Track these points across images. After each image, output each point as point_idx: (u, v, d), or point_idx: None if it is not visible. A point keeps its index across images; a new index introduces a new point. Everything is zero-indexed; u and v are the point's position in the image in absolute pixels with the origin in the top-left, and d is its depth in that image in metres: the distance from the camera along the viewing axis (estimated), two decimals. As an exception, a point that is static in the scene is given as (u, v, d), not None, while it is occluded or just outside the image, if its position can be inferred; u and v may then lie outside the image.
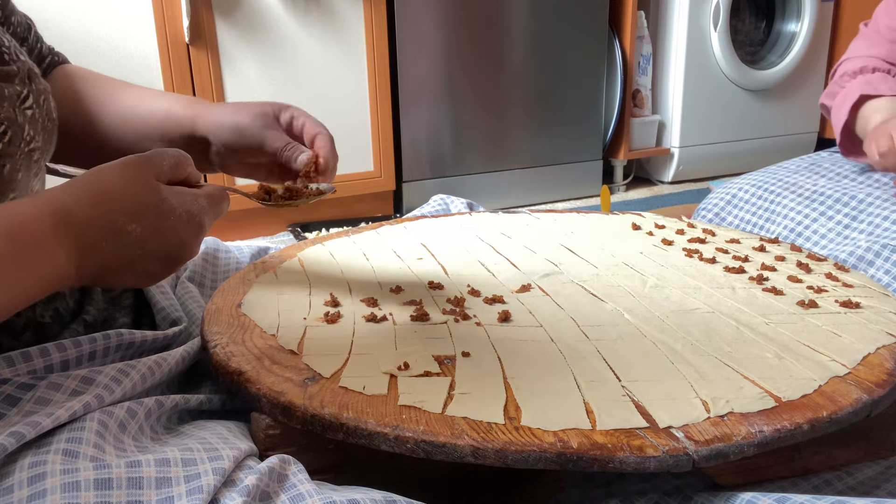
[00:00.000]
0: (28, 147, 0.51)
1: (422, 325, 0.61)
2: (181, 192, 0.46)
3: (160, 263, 0.46)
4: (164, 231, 0.45)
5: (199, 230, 0.48)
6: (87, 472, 0.35)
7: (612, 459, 0.42)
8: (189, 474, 0.38)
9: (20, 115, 0.50)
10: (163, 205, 0.45)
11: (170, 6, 1.76)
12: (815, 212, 1.00)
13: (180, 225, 0.46)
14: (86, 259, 0.42)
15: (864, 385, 0.51)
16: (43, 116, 0.53)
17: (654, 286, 0.72)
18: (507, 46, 2.29)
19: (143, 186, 0.45)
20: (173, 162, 0.47)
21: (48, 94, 0.55)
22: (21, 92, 0.51)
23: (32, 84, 0.53)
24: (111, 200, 0.43)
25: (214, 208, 0.49)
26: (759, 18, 2.82)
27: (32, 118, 0.52)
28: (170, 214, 0.45)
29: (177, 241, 0.46)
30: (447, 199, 1.14)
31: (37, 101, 0.53)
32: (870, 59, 1.05)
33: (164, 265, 0.47)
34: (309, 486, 0.40)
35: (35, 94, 0.53)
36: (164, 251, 0.46)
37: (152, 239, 0.44)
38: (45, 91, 0.55)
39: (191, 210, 0.46)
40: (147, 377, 0.49)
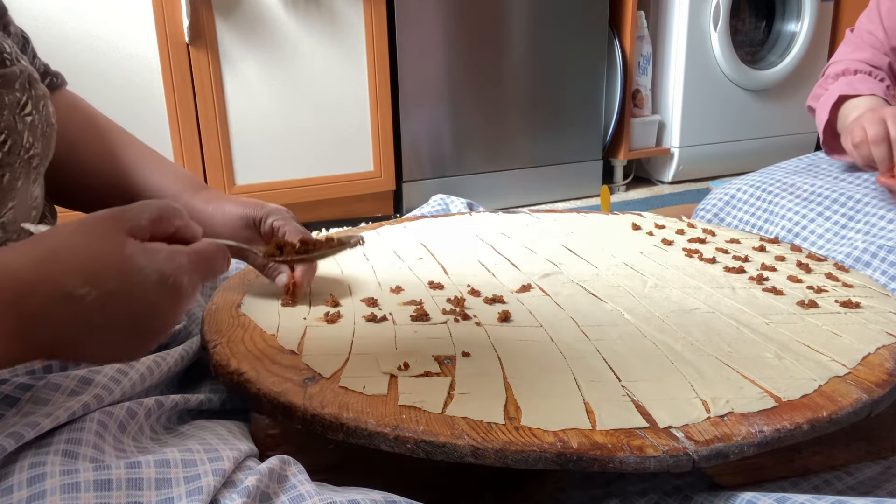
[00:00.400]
0: (27, 154, 0.50)
1: (422, 325, 0.61)
2: (154, 249, 0.39)
3: (130, 334, 0.39)
4: (128, 295, 0.37)
5: (175, 294, 0.39)
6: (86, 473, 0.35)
7: (612, 459, 0.42)
8: (189, 475, 0.38)
9: (20, 122, 0.49)
10: (125, 263, 0.37)
11: (170, 6, 1.76)
12: (813, 212, 1.01)
13: (149, 287, 0.38)
14: (30, 330, 0.35)
15: (864, 385, 0.51)
16: (42, 122, 0.53)
17: (654, 286, 0.72)
18: (507, 46, 2.29)
19: (104, 242, 0.38)
20: (156, 215, 0.40)
21: (47, 100, 0.55)
22: (21, 98, 0.50)
23: (32, 90, 0.52)
24: (60, 259, 0.36)
25: (202, 267, 0.42)
26: (759, 18, 2.82)
27: (32, 125, 0.51)
28: (134, 274, 0.37)
29: (145, 308, 0.38)
30: (447, 199, 1.14)
31: (36, 107, 0.52)
32: (853, 63, 1.06)
33: (136, 336, 0.39)
34: (309, 487, 0.40)
35: (34, 101, 0.52)
36: (129, 319, 0.38)
37: (113, 305, 0.37)
38: (45, 97, 0.54)
39: (163, 269, 0.39)
40: (146, 377, 0.49)
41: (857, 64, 1.05)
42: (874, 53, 1.05)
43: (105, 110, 0.70)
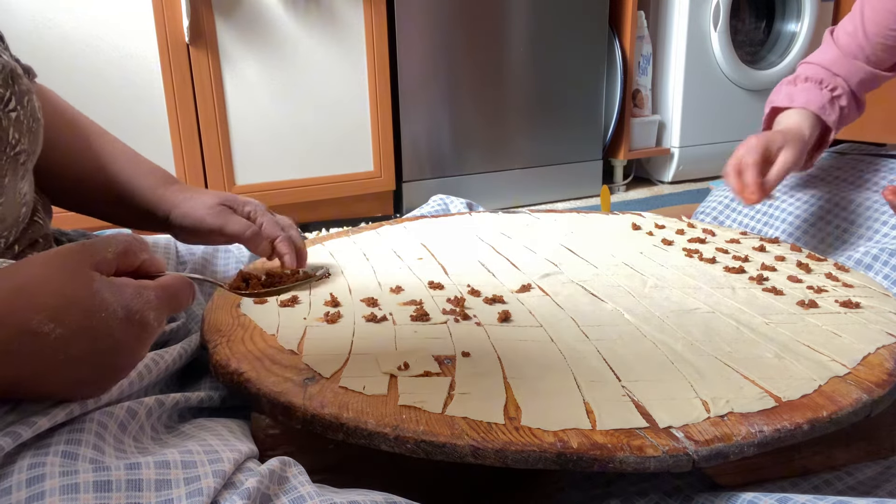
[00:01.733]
0: (14, 151, 0.50)
1: (422, 325, 0.61)
2: (120, 284, 0.39)
3: (93, 370, 0.39)
4: (93, 331, 0.37)
5: (141, 329, 0.39)
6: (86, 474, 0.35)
7: (612, 459, 0.42)
8: (189, 476, 0.38)
9: (4, 118, 0.49)
10: (92, 300, 0.37)
11: (170, 6, 1.76)
12: (813, 216, 1.01)
13: (114, 324, 0.38)
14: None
15: (864, 385, 0.51)
16: (28, 117, 0.52)
17: (654, 286, 0.72)
18: (507, 46, 2.29)
19: (70, 278, 0.37)
20: (121, 249, 0.40)
21: (32, 94, 0.54)
22: (4, 94, 0.49)
23: (16, 85, 0.51)
24: (27, 295, 0.36)
25: (167, 302, 0.41)
26: (759, 18, 2.82)
27: (17, 120, 0.50)
28: (100, 311, 0.37)
29: (111, 344, 0.38)
30: (447, 199, 1.14)
31: (20, 102, 0.51)
32: (810, 68, 1.05)
33: (99, 372, 0.39)
34: (310, 489, 0.40)
35: (18, 96, 0.51)
36: (95, 356, 0.38)
37: (77, 341, 0.37)
38: (29, 91, 0.53)
39: (130, 306, 0.38)
40: (144, 375, 0.49)
41: (812, 69, 1.04)
42: (838, 57, 1.04)
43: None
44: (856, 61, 1.03)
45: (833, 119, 1.00)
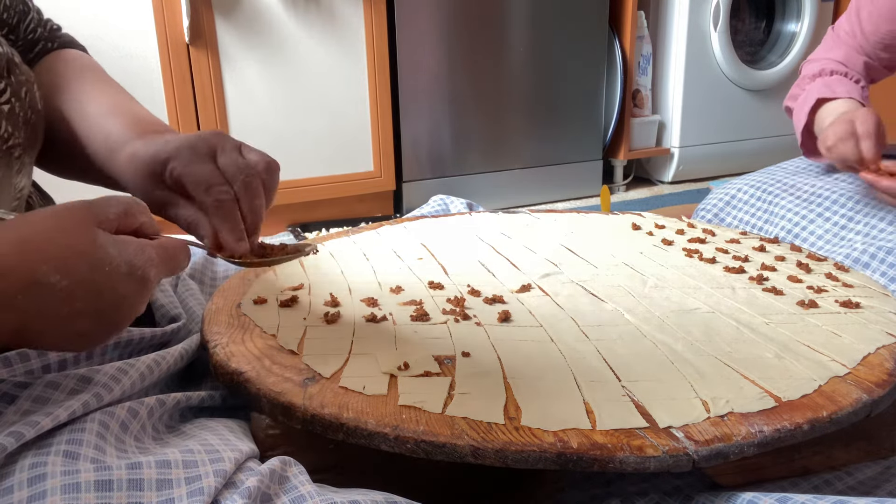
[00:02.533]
0: (6, 145, 0.48)
1: (422, 325, 0.61)
2: (124, 241, 0.40)
3: (94, 323, 0.39)
4: (97, 285, 0.38)
5: (142, 285, 0.40)
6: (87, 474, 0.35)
7: (612, 459, 0.42)
8: (190, 476, 0.38)
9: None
10: (97, 254, 0.38)
11: (170, 6, 1.76)
12: (813, 213, 1.01)
13: (118, 278, 0.38)
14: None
15: (864, 385, 0.51)
16: (25, 109, 0.50)
17: (654, 286, 0.72)
18: (507, 46, 2.29)
19: (77, 233, 0.38)
20: (122, 210, 0.41)
21: (31, 85, 0.52)
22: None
23: (11, 76, 0.49)
24: (35, 247, 0.36)
25: (167, 262, 0.42)
26: (759, 18, 2.82)
27: (11, 113, 0.48)
28: (105, 265, 0.38)
29: (114, 298, 0.39)
30: (447, 199, 1.14)
31: (16, 94, 0.49)
32: (828, 62, 1.07)
33: (100, 325, 0.40)
34: (310, 488, 0.40)
35: (14, 87, 0.49)
36: (97, 309, 0.38)
37: (83, 294, 0.37)
38: (28, 82, 0.51)
39: (133, 262, 0.39)
40: (146, 375, 0.49)
41: (832, 64, 1.06)
42: (848, 52, 1.05)
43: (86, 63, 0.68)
44: (860, 56, 1.04)
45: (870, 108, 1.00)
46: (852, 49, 1.05)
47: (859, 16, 1.04)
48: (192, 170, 0.50)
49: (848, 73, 1.04)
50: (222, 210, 0.50)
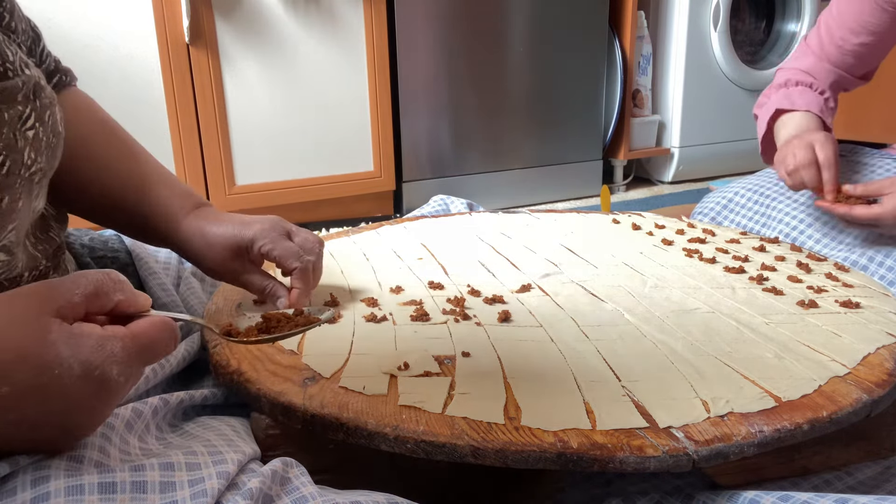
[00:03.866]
0: (29, 172, 0.47)
1: (422, 325, 0.61)
2: (81, 336, 0.34)
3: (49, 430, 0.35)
4: (43, 389, 0.33)
5: (100, 388, 0.35)
6: (90, 476, 0.35)
7: (612, 459, 0.42)
8: (193, 478, 0.38)
9: (21, 138, 0.46)
10: (45, 355, 0.33)
11: (170, 6, 1.76)
12: (811, 217, 1.01)
13: (69, 381, 0.34)
14: None
15: (864, 385, 0.51)
16: (47, 134, 0.49)
17: (654, 286, 0.72)
18: (507, 46, 2.29)
19: (25, 329, 0.33)
20: (91, 290, 0.36)
21: (54, 107, 0.51)
22: (23, 112, 0.46)
23: (36, 100, 0.48)
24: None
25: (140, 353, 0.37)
26: (759, 18, 2.82)
27: (35, 138, 0.47)
28: (53, 368, 0.33)
29: (64, 404, 0.34)
30: (447, 199, 1.14)
31: (40, 119, 0.48)
32: (794, 72, 1.09)
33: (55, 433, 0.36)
34: (311, 489, 0.40)
35: (39, 112, 0.48)
36: (47, 416, 0.34)
37: (28, 400, 0.33)
38: (51, 104, 0.50)
39: (88, 360, 0.34)
40: (150, 378, 0.49)
41: (799, 74, 1.07)
42: (815, 62, 1.07)
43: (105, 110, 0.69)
44: (830, 66, 1.05)
45: (830, 121, 1.02)
46: (821, 59, 1.07)
47: (828, 27, 1.06)
48: (281, 246, 0.61)
49: (813, 85, 1.05)
50: (304, 275, 0.61)
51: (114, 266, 0.68)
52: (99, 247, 0.69)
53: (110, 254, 0.69)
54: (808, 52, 1.09)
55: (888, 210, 0.82)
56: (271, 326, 0.48)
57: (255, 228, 0.61)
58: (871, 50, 1.03)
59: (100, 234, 0.73)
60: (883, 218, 0.83)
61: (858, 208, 0.85)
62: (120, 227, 0.67)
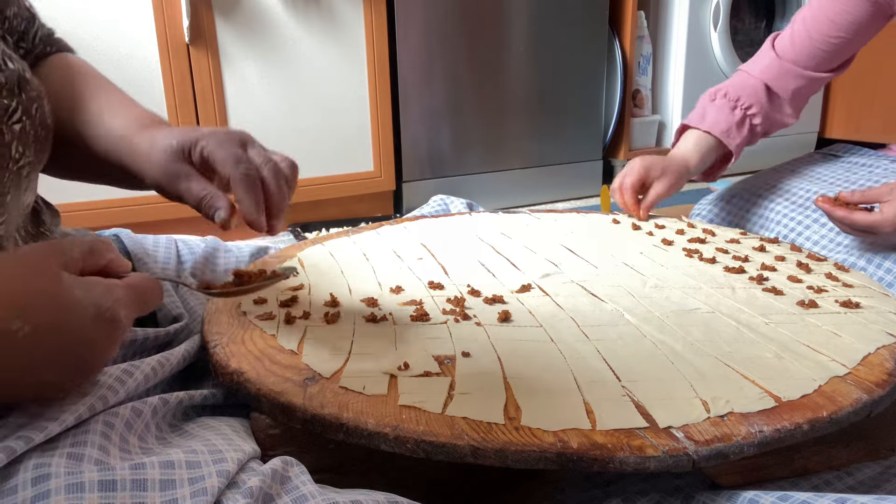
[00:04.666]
0: (17, 165, 0.47)
1: (422, 325, 0.61)
2: (90, 282, 0.38)
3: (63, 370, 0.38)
4: (63, 329, 0.36)
5: (111, 327, 0.38)
6: (91, 474, 0.35)
7: (612, 459, 0.42)
8: (193, 477, 0.38)
9: (7, 132, 0.46)
10: (62, 296, 0.36)
11: (170, 6, 1.76)
12: (808, 218, 1.01)
13: (86, 320, 0.36)
14: None
15: (864, 385, 0.51)
16: (35, 127, 0.49)
17: (654, 286, 0.72)
18: (507, 46, 2.29)
19: (40, 275, 0.36)
20: (86, 249, 0.39)
21: (42, 100, 0.51)
22: (9, 105, 0.46)
23: (23, 94, 0.48)
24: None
25: (137, 300, 0.40)
26: (759, 18, 2.82)
27: (22, 132, 0.47)
28: (72, 307, 0.36)
29: (80, 341, 0.37)
30: (447, 199, 1.14)
31: (27, 112, 0.48)
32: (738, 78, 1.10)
33: (70, 372, 0.38)
34: (312, 488, 0.40)
35: (25, 105, 0.48)
36: (65, 355, 0.37)
37: (47, 339, 0.35)
38: (39, 97, 0.50)
39: (100, 303, 0.37)
40: (150, 377, 0.49)
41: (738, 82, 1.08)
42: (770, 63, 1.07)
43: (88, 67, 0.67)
44: (793, 67, 1.05)
45: (736, 143, 1.07)
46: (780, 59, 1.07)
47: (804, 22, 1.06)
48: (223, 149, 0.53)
49: (739, 100, 1.06)
50: (246, 182, 0.52)
51: None
52: None
53: None
54: (768, 54, 1.09)
55: (887, 218, 0.81)
56: (243, 281, 0.51)
57: (203, 131, 0.55)
58: (847, 42, 1.02)
59: (99, 234, 0.73)
60: (880, 226, 0.82)
61: (858, 214, 0.84)
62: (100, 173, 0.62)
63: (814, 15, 1.03)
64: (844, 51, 1.04)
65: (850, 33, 1.00)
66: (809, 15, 1.04)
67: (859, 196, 0.86)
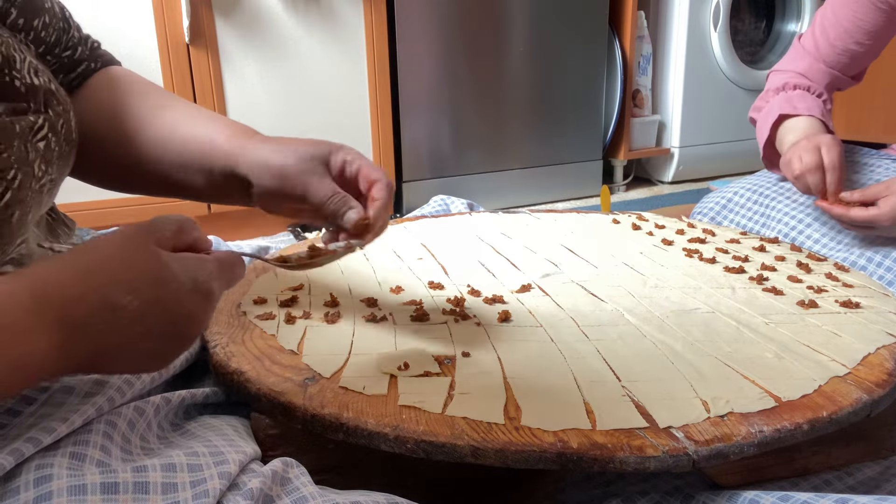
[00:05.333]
0: (39, 184, 0.47)
1: (422, 325, 0.61)
2: (185, 258, 0.40)
3: (165, 341, 0.40)
4: (165, 302, 0.38)
5: (207, 299, 0.41)
6: (93, 476, 0.36)
7: (612, 459, 0.42)
8: (195, 479, 0.38)
9: (32, 150, 0.46)
10: (162, 272, 0.38)
11: (170, 6, 1.76)
12: (809, 217, 1.01)
13: (184, 294, 0.39)
14: (74, 342, 0.36)
15: (864, 385, 0.51)
16: (60, 143, 0.49)
17: (654, 286, 0.72)
18: (507, 46, 2.29)
19: (140, 254, 0.39)
20: (176, 227, 0.42)
21: (68, 115, 0.50)
22: (35, 123, 0.46)
23: (49, 110, 0.47)
24: (102, 271, 0.37)
25: (226, 274, 0.43)
26: (759, 18, 2.82)
27: (46, 149, 0.47)
28: (171, 282, 0.39)
29: (182, 314, 0.39)
30: (447, 199, 1.14)
31: (53, 129, 0.48)
32: (791, 76, 1.09)
33: (170, 343, 0.40)
34: (312, 489, 0.40)
35: (52, 121, 0.47)
36: (167, 326, 0.39)
37: (152, 312, 0.38)
38: (65, 112, 0.50)
39: (196, 276, 0.40)
40: (155, 378, 0.49)
41: (796, 77, 1.08)
42: (811, 63, 1.08)
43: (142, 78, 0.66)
44: (825, 67, 1.06)
45: (831, 124, 1.03)
46: (816, 60, 1.07)
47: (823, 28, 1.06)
48: (363, 159, 0.57)
49: (811, 88, 1.06)
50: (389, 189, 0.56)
51: None
52: None
53: None
54: (804, 54, 1.09)
55: (884, 212, 0.83)
56: (314, 255, 0.54)
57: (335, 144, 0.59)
58: (865, 49, 1.03)
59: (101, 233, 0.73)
60: (879, 220, 0.84)
61: (855, 210, 0.86)
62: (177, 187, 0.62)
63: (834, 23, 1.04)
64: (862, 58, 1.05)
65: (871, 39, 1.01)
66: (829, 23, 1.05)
67: (859, 195, 0.87)
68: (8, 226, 0.45)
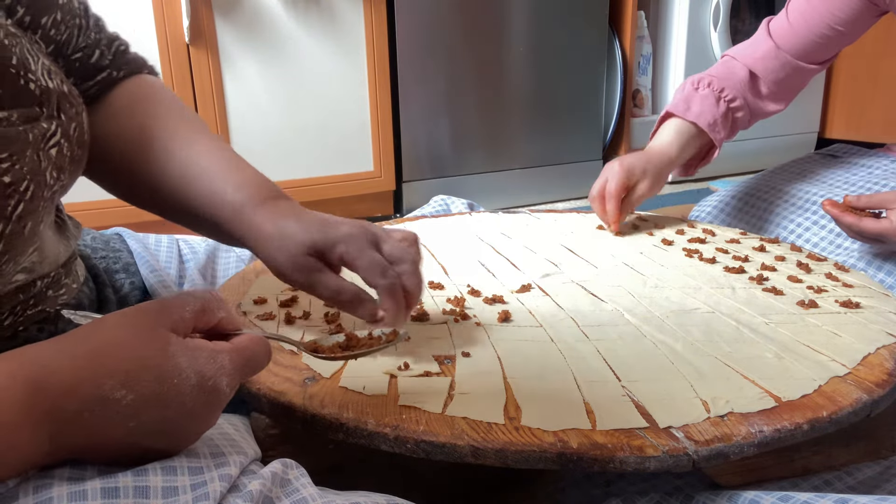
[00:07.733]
0: (51, 192, 0.46)
1: (422, 325, 0.61)
2: (196, 348, 0.37)
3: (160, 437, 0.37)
4: (163, 398, 0.36)
5: (212, 397, 0.38)
6: (93, 482, 0.35)
7: (612, 459, 0.42)
8: (196, 482, 0.38)
9: (44, 159, 0.44)
10: (166, 365, 0.36)
11: (170, 6, 1.76)
12: (808, 220, 1.01)
13: (186, 390, 0.36)
14: (63, 434, 0.34)
15: (864, 385, 0.51)
16: (72, 148, 0.47)
17: (654, 286, 0.72)
18: (506, 46, 2.29)
19: (148, 342, 0.36)
20: (198, 307, 0.39)
21: (80, 118, 0.49)
22: (47, 130, 0.44)
23: (62, 115, 0.46)
24: (101, 359, 0.35)
25: (242, 368, 0.40)
26: (759, 18, 2.82)
27: (59, 155, 0.45)
28: (173, 377, 0.36)
29: (181, 412, 0.37)
30: (447, 199, 1.14)
31: (66, 134, 0.46)
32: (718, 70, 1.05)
33: (166, 439, 0.38)
34: (312, 490, 0.40)
35: (65, 126, 0.46)
36: (163, 423, 0.37)
37: (148, 408, 0.36)
38: (77, 115, 0.48)
39: (203, 371, 0.37)
40: None
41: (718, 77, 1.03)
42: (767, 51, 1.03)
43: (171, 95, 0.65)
44: (787, 57, 1.02)
45: (721, 137, 1.01)
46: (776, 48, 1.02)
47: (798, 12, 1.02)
48: (364, 256, 0.53)
49: (725, 90, 1.02)
50: (393, 293, 0.53)
51: (116, 266, 0.68)
52: (101, 247, 0.69)
53: (112, 254, 0.69)
54: (766, 39, 1.04)
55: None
56: (352, 345, 0.50)
57: (341, 230, 0.54)
58: (838, 36, 1.00)
59: (101, 233, 0.72)
60: (890, 234, 0.80)
61: (867, 221, 0.81)
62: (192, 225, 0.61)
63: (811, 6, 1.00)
64: (837, 44, 1.01)
65: (846, 26, 0.98)
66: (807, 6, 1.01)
67: (865, 200, 0.83)
68: (20, 238, 0.44)
